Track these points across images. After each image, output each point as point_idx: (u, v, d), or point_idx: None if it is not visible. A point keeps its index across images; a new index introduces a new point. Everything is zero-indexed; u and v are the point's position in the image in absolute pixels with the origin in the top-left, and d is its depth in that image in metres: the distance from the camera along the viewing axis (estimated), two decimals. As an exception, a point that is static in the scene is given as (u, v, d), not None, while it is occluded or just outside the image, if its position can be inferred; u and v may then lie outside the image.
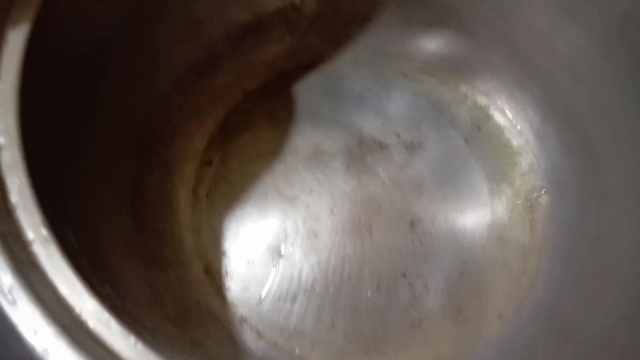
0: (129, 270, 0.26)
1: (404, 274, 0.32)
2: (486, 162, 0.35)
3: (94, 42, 0.27)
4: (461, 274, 0.32)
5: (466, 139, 0.36)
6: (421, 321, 0.31)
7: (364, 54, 0.38)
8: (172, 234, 0.31)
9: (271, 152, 0.35)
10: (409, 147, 0.36)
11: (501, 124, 0.36)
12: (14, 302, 0.17)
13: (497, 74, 0.36)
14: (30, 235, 0.18)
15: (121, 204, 0.29)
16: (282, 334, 0.31)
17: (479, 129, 0.36)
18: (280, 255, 0.33)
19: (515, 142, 0.36)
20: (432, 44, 0.37)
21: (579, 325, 0.28)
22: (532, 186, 0.35)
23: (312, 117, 0.36)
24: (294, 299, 0.31)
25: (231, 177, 0.34)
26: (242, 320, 0.31)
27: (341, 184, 0.34)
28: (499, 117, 0.36)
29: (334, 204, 0.34)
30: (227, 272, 0.32)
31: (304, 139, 0.35)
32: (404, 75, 0.38)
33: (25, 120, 0.21)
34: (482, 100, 0.37)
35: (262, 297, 0.31)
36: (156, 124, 0.32)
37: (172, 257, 0.30)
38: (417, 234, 0.33)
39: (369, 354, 0.31)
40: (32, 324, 0.17)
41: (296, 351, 0.30)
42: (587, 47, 0.31)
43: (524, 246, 0.33)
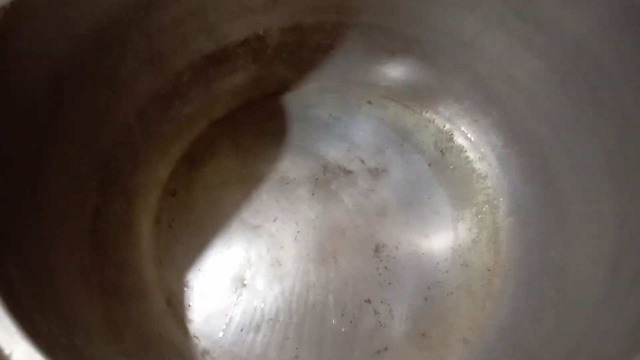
0: (83, 304, 0.26)
1: (369, 301, 0.32)
2: (450, 186, 0.36)
3: (54, 75, 0.28)
4: (425, 299, 0.33)
5: (430, 164, 0.36)
6: (386, 348, 0.31)
7: (328, 81, 0.38)
8: (133, 265, 0.31)
9: (236, 180, 0.35)
10: (374, 172, 0.36)
11: (464, 149, 0.37)
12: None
13: (459, 99, 0.37)
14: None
15: (79, 235, 0.28)
16: (245, 365, 0.30)
17: (443, 153, 0.37)
18: (243, 284, 0.32)
19: (478, 167, 0.36)
20: (396, 71, 0.38)
21: (541, 350, 0.28)
22: (496, 210, 0.35)
23: (277, 145, 0.36)
24: (257, 329, 0.31)
25: (195, 207, 0.34)
26: (204, 352, 0.30)
27: (306, 211, 0.34)
28: (462, 142, 0.37)
29: (299, 231, 0.34)
30: (190, 304, 0.31)
31: (269, 166, 0.36)
32: (369, 101, 0.38)
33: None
34: (445, 125, 0.38)
35: (225, 329, 0.31)
36: (119, 154, 0.32)
37: (133, 288, 0.30)
38: (381, 260, 0.33)
39: (334, 383, 0.30)
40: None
41: (260, 382, 0.30)
42: (544, 75, 0.32)
43: (488, 270, 0.33)
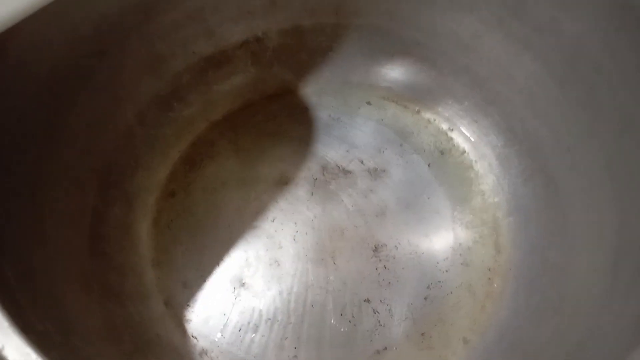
0: (82, 305, 0.26)
1: (368, 300, 0.32)
2: (449, 186, 0.36)
3: (54, 78, 0.28)
4: (425, 298, 0.32)
5: (429, 164, 0.36)
6: (385, 348, 0.31)
7: (328, 83, 0.38)
8: (132, 267, 0.31)
9: (235, 181, 0.35)
10: (373, 173, 0.36)
11: (464, 149, 0.37)
12: None
13: (459, 100, 0.37)
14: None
15: (79, 237, 0.29)
16: (243, 365, 0.30)
17: (442, 153, 0.37)
18: (242, 284, 0.32)
19: (478, 167, 0.36)
20: (395, 72, 0.38)
21: (541, 350, 0.28)
22: (496, 210, 0.35)
23: (276, 146, 0.36)
24: (255, 329, 0.31)
25: (194, 208, 0.34)
26: (203, 352, 0.31)
27: (304, 212, 0.35)
28: (461, 142, 0.37)
29: (297, 232, 0.34)
30: (188, 305, 0.32)
31: (268, 168, 0.36)
32: (368, 102, 0.38)
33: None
34: (444, 125, 0.37)
35: (223, 329, 0.31)
36: (118, 156, 0.33)
37: (132, 290, 0.30)
38: (380, 260, 0.33)
39: (333, 384, 0.30)
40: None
41: (259, 383, 0.30)
42: (543, 76, 0.32)
43: (488, 269, 0.33)
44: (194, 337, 0.31)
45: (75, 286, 0.26)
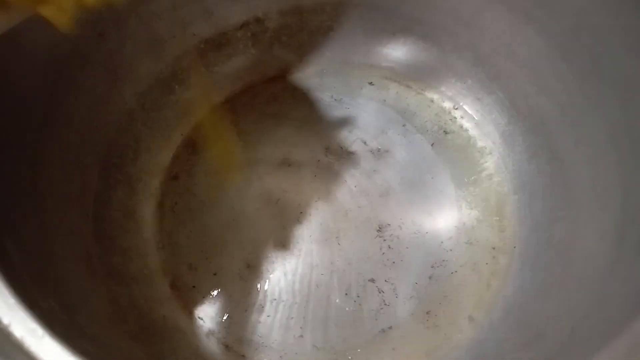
0: (87, 286, 0.26)
1: (373, 280, 0.32)
2: (453, 165, 0.35)
3: (53, 60, 0.28)
4: (430, 277, 0.32)
5: (433, 144, 0.36)
6: (391, 327, 0.31)
7: (329, 63, 0.38)
8: (137, 250, 0.31)
9: (237, 163, 0.35)
10: (376, 153, 0.36)
11: (467, 128, 0.37)
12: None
13: (462, 78, 0.37)
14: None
15: (82, 220, 0.28)
16: (249, 345, 0.30)
17: (445, 133, 0.37)
18: (247, 266, 0.32)
19: (481, 145, 0.36)
20: (397, 51, 0.38)
21: (547, 325, 0.28)
22: (500, 188, 0.35)
23: (279, 128, 0.36)
24: (261, 309, 0.31)
25: (197, 191, 0.34)
26: (209, 333, 0.31)
27: (308, 193, 0.34)
28: (465, 121, 0.37)
29: (301, 213, 0.34)
30: (194, 286, 0.32)
31: (270, 149, 0.36)
32: (370, 83, 0.38)
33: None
34: (447, 104, 0.37)
35: (229, 310, 0.31)
36: (120, 140, 0.33)
37: (137, 273, 0.30)
38: (385, 239, 0.33)
39: (340, 363, 0.30)
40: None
41: (265, 363, 0.30)
42: (546, 49, 0.32)
43: (493, 248, 0.33)
44: (200, 318, 0.31)
45: (80, 267, 0.26)
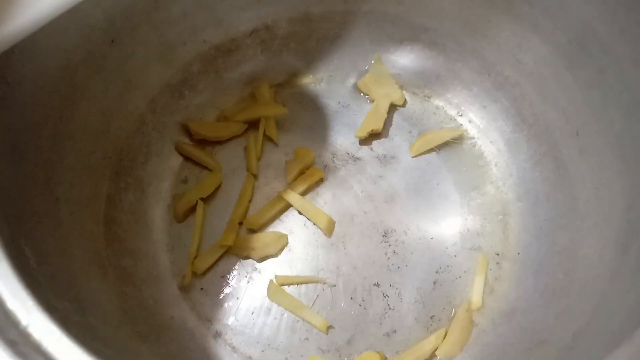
0: (98, 288, 0.27)
1: (378, 284, 0.33)
2: (458, 172, 0.36)
3: (66, 66, 0.28)
4: (434, 283, 0.33)
5: (438, 150, 0.36)
6: (395, 330, 0.32)
7: (337, 70, 0.38)
8: (146, 252, 0.31)
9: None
10: (382, 159, 0.36)
11: (472, 135, 0.37)
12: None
13: (468, 86, 0.37)
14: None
15: (94, 223, 0.29)
16: (256, 347, 0.31)
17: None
18: (254, 269, 0.33)
19: (486, 152, 0.36)
20: (404, 59, 0.38)
21: (550, 331, 0.28)
22: (504, 195, 0.35)
23: (286, 133, 0.37)
24: (267, 312, 0.32)
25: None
26: (217, 335, 0.31)
27: (315, 198, 0.35)
28: (470, 128, 0.37)
29: (308, 218, 0.34)
30: (202, 288, 0.32)
31: (278, 154, 0.36)
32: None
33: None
34: (453, 112, 0.38)
35: (236, 312, 0.32)
36: (132, 144, 0.33)
37: (147, 274, 0.31)
38: (390, 245, 0.34)
39: (344, 366, 0.31)
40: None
41: (271, 364, 0.31)
42: (551, 59, 0.32)
43: (497, 254, 0.34)
44: (207, 320, 0.31)
45: (91, 269, 0.27)
